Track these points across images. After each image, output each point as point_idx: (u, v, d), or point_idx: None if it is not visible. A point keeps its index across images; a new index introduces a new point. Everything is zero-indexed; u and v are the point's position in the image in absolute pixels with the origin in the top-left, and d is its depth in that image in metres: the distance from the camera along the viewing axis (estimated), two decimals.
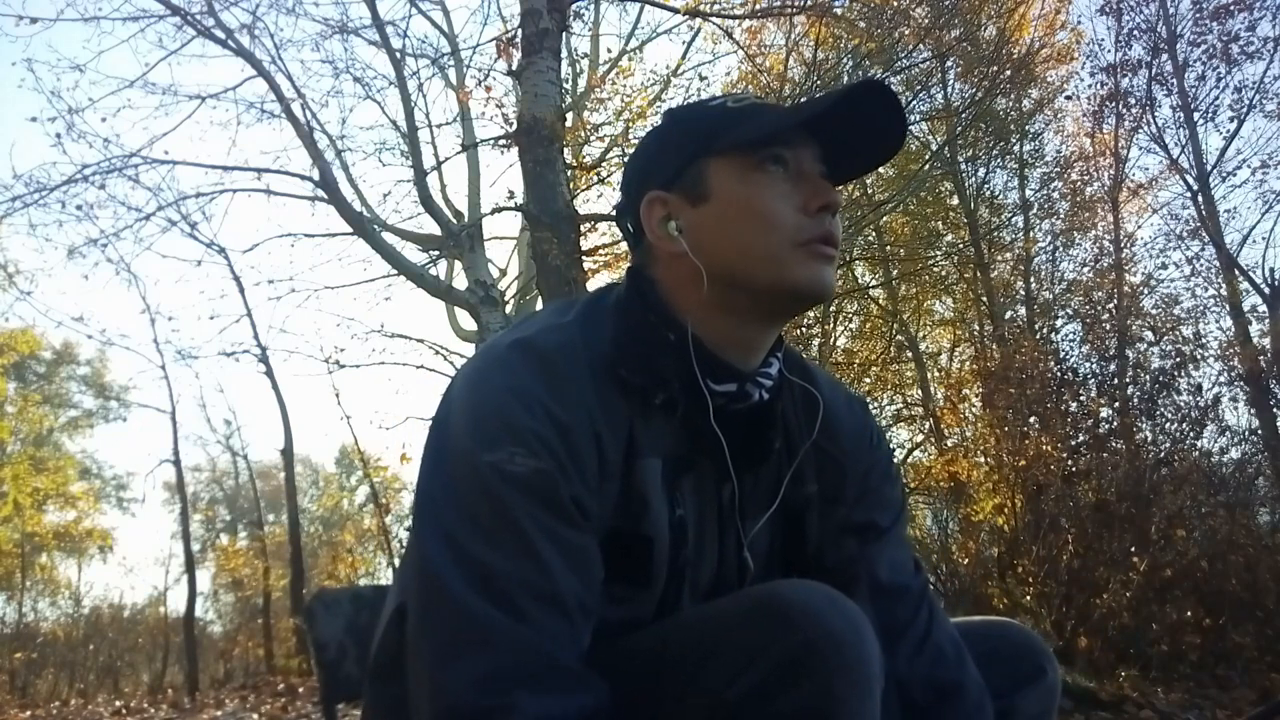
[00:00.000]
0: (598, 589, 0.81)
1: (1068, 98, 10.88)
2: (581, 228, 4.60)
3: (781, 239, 0.86)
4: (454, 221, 6.81)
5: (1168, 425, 5.44)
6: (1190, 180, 10.13)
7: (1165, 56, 10.14)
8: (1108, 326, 7.04)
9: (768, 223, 0.86)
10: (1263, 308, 9.47)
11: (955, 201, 11.03)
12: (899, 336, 11.61)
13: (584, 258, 4.61)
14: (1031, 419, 5.56)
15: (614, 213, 1.00)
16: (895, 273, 11.32)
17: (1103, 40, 10.68)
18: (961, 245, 10.93)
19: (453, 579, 0.76)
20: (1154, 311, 8.64)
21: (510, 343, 0.85)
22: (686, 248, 0.88)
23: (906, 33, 7.25)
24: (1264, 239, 11.44)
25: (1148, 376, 5.59)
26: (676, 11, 6.23)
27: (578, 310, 0.91)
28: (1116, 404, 5.53)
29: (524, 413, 0.79)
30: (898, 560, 0.99)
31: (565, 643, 0.76)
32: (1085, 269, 11.06)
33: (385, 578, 11.67)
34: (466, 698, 0.72)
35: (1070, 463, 5.10)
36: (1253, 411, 6.98)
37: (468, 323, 7.90)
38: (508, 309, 6.92)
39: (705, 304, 0.88)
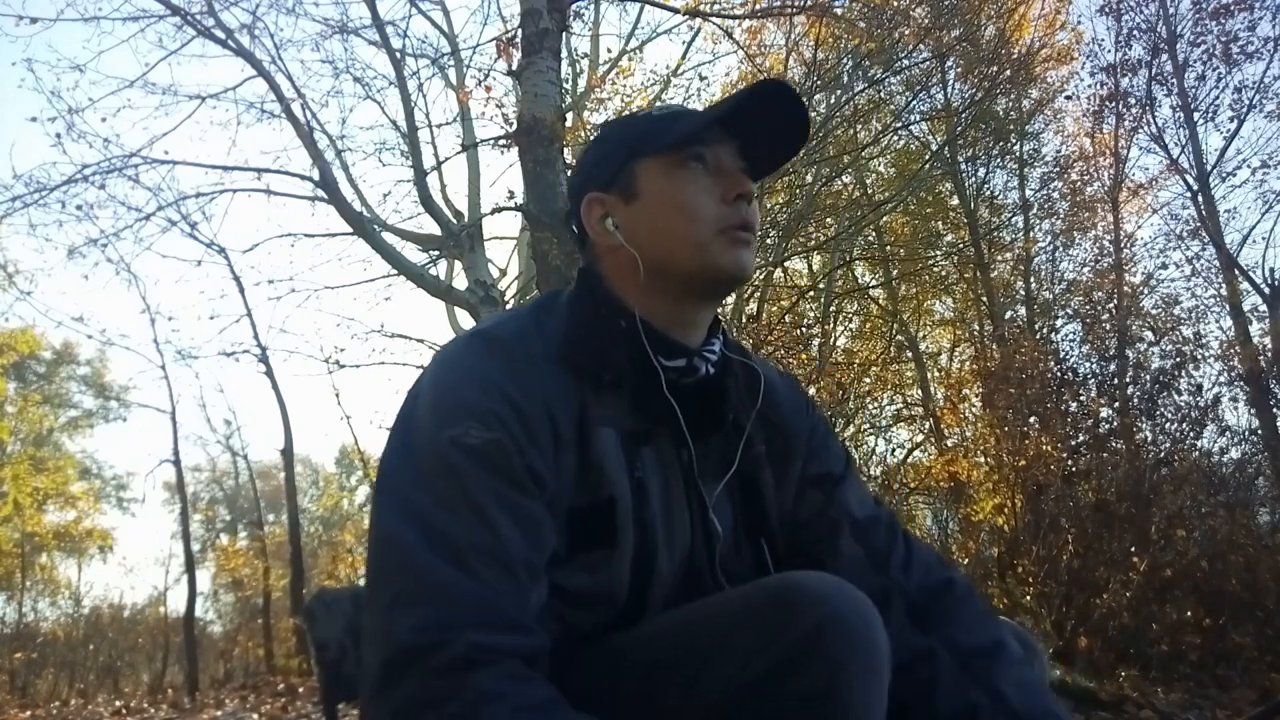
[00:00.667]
0: (547, 553, 0.85)
1: (1068, 98, 10.89)
2: None
3: (703, 226, 0.95)
4: (454, 221, 6.82)
5: (1168, 425, 5.44)
6: (1190, 180, 10.12)
7: (1165, 56, 10.13)
8: (1108, 326, 7.03)
9: (690, 213, 0.96)
10: (1263, 308, 9.45)
11: (955, 201, 11.02)
12: (899, 336, 11.60)
13: None
14: (1031, 419, 5.56)
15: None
16: (895, 273, 11.32)
17: (1102, 40, 10.72)
18: (961, 245, 10.93)
19: (407, 539, 0.80)
20: (1154, 311, 8.63)
21: (469, 335, 0.95)
22: (623, 240, 0.98)
23: (906, 33, 7.25)
24: (1264, 239, 11.45)
25: (1148, 376, 5.59)
26: (676, 11, 6.23)
27: (531, 304, 1.01)
28: (1116, 404, 5.53)
29: (480, 393, 0.86)
30: (862, 497, 1.08)
31: (512, 598, 0.80)
32: (1085, 269, 11.07)
33: None
34: (410, 638, 0.76)
35: (1070, 463, 5.10)
36: (1253, 411, 6.98)
37: (468, 323, 7.90)
38: (508, 309, 6.91)
39: (645, 290, 0.98)
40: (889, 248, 11.30)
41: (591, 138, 1.06)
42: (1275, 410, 7.22)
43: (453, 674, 0.74)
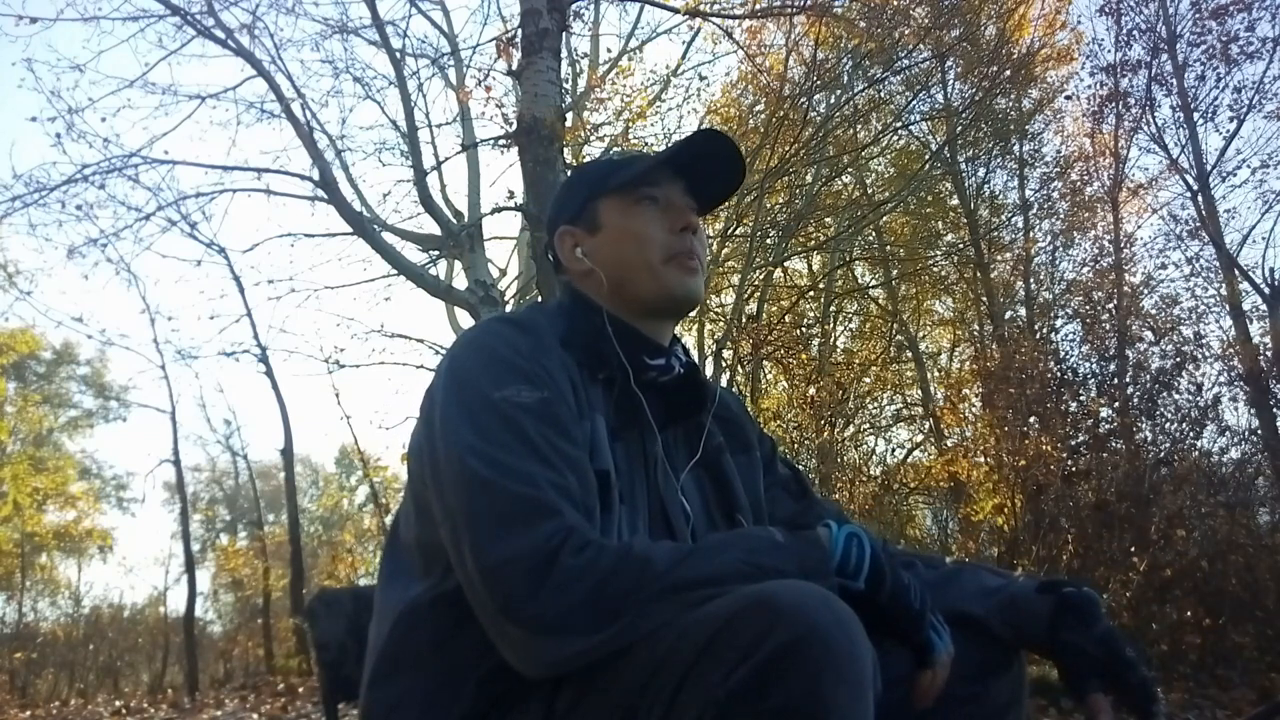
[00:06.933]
0: (593, 497, 0.95)
1: (1068, 98, 10.89)
2: None
3: (653, 254, 1.11)
4: (454, 221, 6.82)
5: (1168, 425, 5.44)
6: (1190, 180, 10.10)
7: (1165, 56, 10.12)
8: (1108, 326, 7.02)
9: (643, 241, 1.12)
10: (1263, 308, 9.44)
11: (955, 201, 11.03)
12: (899, 336, 11.61)
13: None
14: (1031, 419, 5.56)
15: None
16: (895, 273, 11.32)
17: (1102, 40, 10.66)
18: (961, 245, 10.93)
19: (490, 477, 0.89)
20: (1154, 311, 8.60)
21: (495, 319, 1.07)
22: (591, 265, 1.13)
23: (906, 33, 7.26)
24: (1264, 239, 11.36)
25: (1148, 376, 5.59)
26: (676, 11, 6.23)
27: (530, 307, 1.13)
28: (1116, 404, 5.53)
29: (523, 360, 0.99)
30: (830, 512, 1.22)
31: (588, 525, 0.90)
32: (1085, 269, 11.06)
33: None
34: (539, 542, 0.85)
35: (1070, 463, 5.10)
36: (1253, 411, 6.96)
37: (467, 322, 7.90)
38: (508, 309, 6.91)
39: (612, 306, 1.12)
40: (889, 248, 11.30)
41: (563, 180, 1.21)
42: (1275, 410, 7.20)
43: (587, 549, 0.85)
